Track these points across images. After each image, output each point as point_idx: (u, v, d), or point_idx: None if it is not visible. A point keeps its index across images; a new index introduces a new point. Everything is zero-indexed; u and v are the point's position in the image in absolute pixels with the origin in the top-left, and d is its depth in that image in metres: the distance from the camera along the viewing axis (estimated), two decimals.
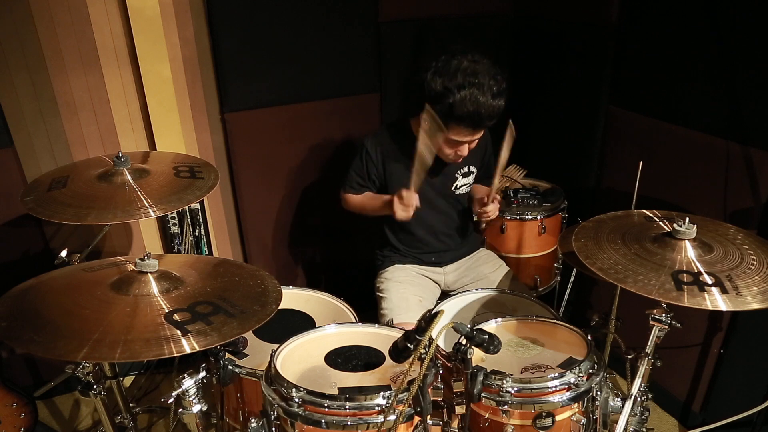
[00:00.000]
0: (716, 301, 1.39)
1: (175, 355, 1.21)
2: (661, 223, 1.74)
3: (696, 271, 1.48)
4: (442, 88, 1.80)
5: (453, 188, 2.16)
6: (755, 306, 1.38)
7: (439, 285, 2.30)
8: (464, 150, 1.95)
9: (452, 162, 2.05)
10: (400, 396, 1.27)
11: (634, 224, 1.74)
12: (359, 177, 2.13)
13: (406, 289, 2.14)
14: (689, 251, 1.54)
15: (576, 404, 1.48)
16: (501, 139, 1.96)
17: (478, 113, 1.80)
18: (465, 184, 2.19)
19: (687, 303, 1.38)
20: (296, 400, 1.32)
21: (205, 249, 2.52)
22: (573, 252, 1.64)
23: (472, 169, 2.18)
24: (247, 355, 1.69)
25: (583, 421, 1.49)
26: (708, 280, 1.44)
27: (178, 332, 1.26)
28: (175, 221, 2.45)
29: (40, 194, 1.75)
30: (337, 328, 1.67)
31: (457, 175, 2.15)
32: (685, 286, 1.42)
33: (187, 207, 2.23)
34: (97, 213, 1.64)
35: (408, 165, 2.08)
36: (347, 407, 1.31)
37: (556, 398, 1.45)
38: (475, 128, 1.86)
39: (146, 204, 1.69)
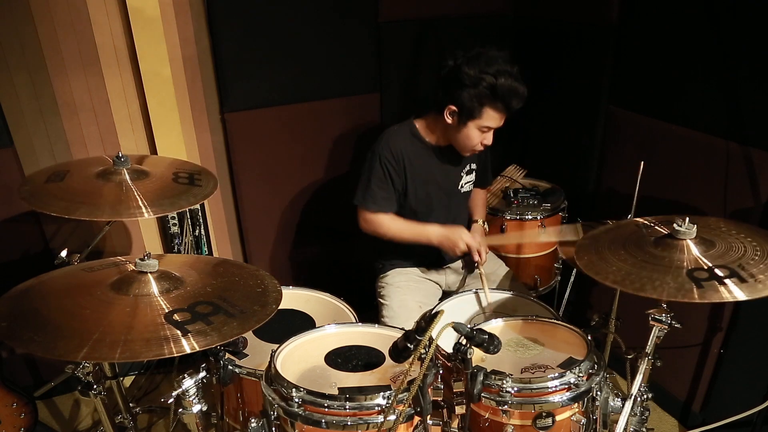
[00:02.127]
0: (738, 292, 1.37)
1: (175, 355, 1.21)
2: (656, 227, 1.72)
3: (708, 266, 1.46)
4: (480, 73, 1.88)
5: (459, 187, 2.17)
6: None
7: (440, 286, 2.30)
8: (489, 138, 2.00)
9: (472, 153, 2.06)
10: (400, 396, 1.27)
11: (630, 233, 1.72)
12: (383, 190, 2.05)
13: (406, 295, 2.14)
14: (693, 249, 1.53)
15: (576, 404, 1.48)
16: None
17: (516, 94, 1.89)
18: (468, 182, 2.21)
19: (713, 299, 1.37)
20: (296, 400, 1.32)
21: (205, 249, 2.52)
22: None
23: (473, 166, 2.20)
24: (247, 355, 1.69)
25: (583, 421, 1.49)
26: (723, 273, 1.43)
27: (178, 332, 1.26)
28: (175, 221, 2.45)
29: (37, 185, 1.76)
30: (337, 328, 1.67)
31: (462, 173, 2.16)
32: (704, 283, 1.41)
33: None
34: (86, 208, 1.64)
35: (424, 166, 2.09)
36: (347, 407, 1.31)
37: (556, 398, 1.45)
38: (507, 111, 1.93)
39: (138, 205, 1.69)
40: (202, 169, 2.02)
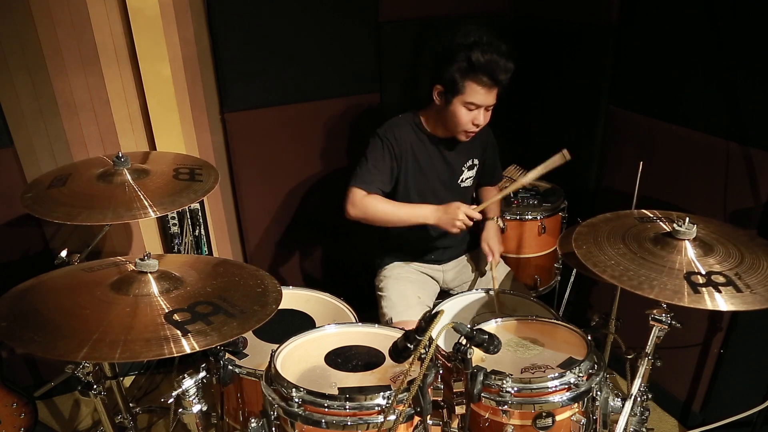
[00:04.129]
0: (737, 301, 1.37)
1: (175, 355, 1.21)
2: (656, 222, 1.73)
3: (705, 272, 1.46)
4: (456, 46, 1.86)
5: (459, 182, 2.17)
6: None
7: (438, 283, 2.30)
8: (480, 117, 1.94)
9: (466, 137, 2.01)
10: (400, 396, 1.27)
11: (628, 226, 1.72)
12: (378, 170, 2.01)
13: (405, 287, 2.14)
14: (691, 251, 1.54)
15: (576, 404, 1.48)
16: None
17: (495, 64, 1.84)
18: (470, 177, 2.20)
19: (709, 306, 1.36)
20: (296, 400, 1.32)
21: (205, 249, 2.52)
22: (573, 252, 1.64)
23: (476, 162, 2.20)
24: (247, 355, 1.69)
25: (583, 421, 1.49)
26: (719, 280, 1.43)
27: (178, 332, 1.26)
28: (175, 221, 2.45)
29: (39, 192, 1.75)
30: (337, 328, 1.67)
31: (463, 168, 2.16)
32: (702, 288, 1.40)
33: (187, 207, 2.23)
34: (87, 213, 1.65)
35: (424, 157, 2.08)
36: (347, 407, 1.30)
37: (556, 398, 1.45)
38: (490, 85, 1.88)
39: (141, 205, 1.69)
40: (203, 162, 2.02)
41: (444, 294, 2.29)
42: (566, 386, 1.46)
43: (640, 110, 2.31)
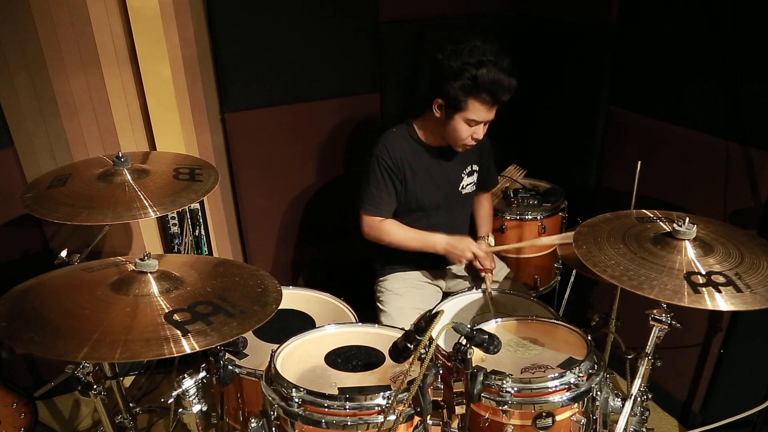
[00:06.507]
0: (737, 301, 1.37)
1: (175, 355, 1.21)
2: (656, 222, 1.72)
3: (705, 272, 1.46)
4: (462, 64, 1.85)
5: (460, 189, 2.17)
6: None
7: (440, 288, 2.30)
8: (479, 132, 1.95)
9: (463, 149, 2.03)
10: (400, 396, 1.27)
11: (628, 226, 1.72)
12: (385, 193, 2.05)
13: (404, 303, 2.14)
14: (690, 251, 1.53)
15: (576, 404, 1.48)
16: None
17: (499, 85, 1.84)
18: (470, 183, 2.20)
19: (709, 306, 1.36)
20: (296, 400, 1.32)
21: (205, 249, 2.52)
22: (573, 252, 1.63)
23: (475, 167, 2.19)
24: (247, 355, 1.69)
25: (583, 421, 1.49)
26: (719, 280, 1.43)
27: (178, 332, 1.26)
28: (175, 221, 2.45)
29: (39, 192, 1.75)
30: (337, 328, 1.67)
31: (462, 175, 2.16)
32: (702, 288, 1.40)
33: (187, 207, 2.23)
34: (87, 213, 1.65)
35: (423, 168, 2.08)
36: (347, 407, 1.31)
37: (556, 398, 1.45)
38: (493, 103, 1.89)
39: (141, 205, 1.69)
40: (203, 162, 2.02)
41: (444, 294, 2.28)
42: (566, 386, 1.46)
43: (640, 110, 2.31)
